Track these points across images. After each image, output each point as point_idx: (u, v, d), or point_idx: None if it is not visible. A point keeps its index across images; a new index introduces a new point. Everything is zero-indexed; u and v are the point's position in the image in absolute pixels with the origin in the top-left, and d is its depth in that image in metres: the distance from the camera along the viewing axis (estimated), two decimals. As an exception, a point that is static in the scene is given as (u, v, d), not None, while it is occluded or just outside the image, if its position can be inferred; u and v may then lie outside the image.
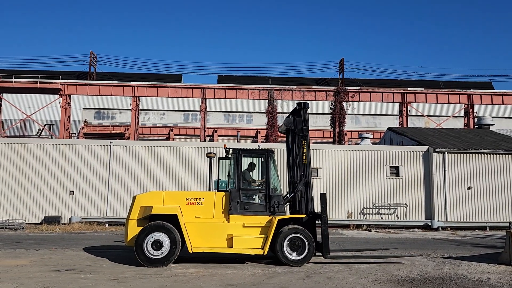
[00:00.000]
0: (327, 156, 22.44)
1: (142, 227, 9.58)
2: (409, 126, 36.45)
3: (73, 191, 21.33)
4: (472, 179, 22.03)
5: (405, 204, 22.03)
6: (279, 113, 35.97)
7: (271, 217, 9.86)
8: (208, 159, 11.50)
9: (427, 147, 22.64)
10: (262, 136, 42.82)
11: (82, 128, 44.16)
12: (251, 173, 10.62)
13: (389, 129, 31.19)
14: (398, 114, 38.82)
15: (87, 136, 42.20)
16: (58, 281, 7.83)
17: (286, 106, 36.32)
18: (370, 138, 28.18)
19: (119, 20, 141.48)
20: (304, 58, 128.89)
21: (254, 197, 10.19)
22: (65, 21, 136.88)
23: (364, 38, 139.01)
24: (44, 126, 42.12)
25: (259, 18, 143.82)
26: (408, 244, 14.75)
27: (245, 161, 10.61)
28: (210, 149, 21.38)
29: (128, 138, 38.83)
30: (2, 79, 34.18)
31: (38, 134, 43.36)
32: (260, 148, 10.87)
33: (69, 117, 34.94)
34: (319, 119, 47.39)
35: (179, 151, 22.25)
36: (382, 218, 21.94)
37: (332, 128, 36.53)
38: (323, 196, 10.20)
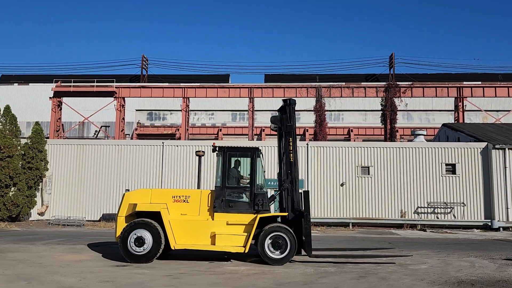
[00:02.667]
0: (378, 154, 21.91)
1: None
2: (465, 121, 34.83)
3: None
4: (537, 176, 20.72)
5: (463, 203, 21.09)
6: (327, 110, 35.52)
7: (255, 215, 9.76)
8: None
9: (486, 143, 21.55)
10: (310, 134, 42.40)
11: (136, 129, 45.76)
12: (237, 170, 10.53)
13: (444, 125, 29.97)
14: (453, 109, 37.21)
15: (140, 136, 43.68)
16: (117, 276, 8.17)
17: (334, 103, 35.87)
18: (424, 135, 27.16)
19: (169, 22, 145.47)
20: (353, 54, 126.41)
21: (238, 195, 10.14)
22: (118, 26, 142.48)
23: (416, 31, 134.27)
24: (101, 127, 44.08)
25: (305, 16, 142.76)
26: (466, 245, 14.11)
27: (233, 159, 10.58)
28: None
29: (179, 138, 39.80)
30: (62, 84, 36.12)
31: (95, 136, 45.46)
32: (246, 146, 10.79)
33: (123, 118, 36.35)
34: (369, 116, 46.29)
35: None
36: (438, 217, 21.13)
37: (383, 125, 35.56)
38: (305, 194, 10.00)
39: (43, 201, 22.05)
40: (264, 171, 11.15)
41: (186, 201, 10.07)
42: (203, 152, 12.34)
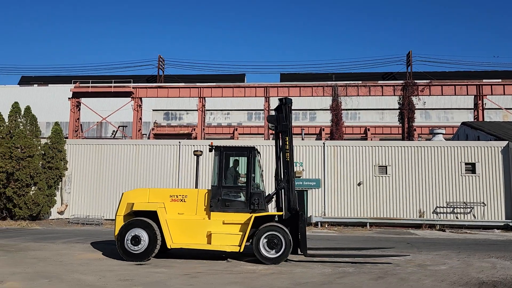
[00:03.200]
0: (396, 153, 21.67)
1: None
2: (485, 120, 34.19)
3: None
4: (560, 176, 20.21)
5: (483, 203, 20.71)
6: (343, 109, 35.24)
7: (251, 214, 9.75)
8: (198, 156, 11.63)
9: (507, 142, 21.12)
10: (326, 134, 42.20)
11: (152, 129, 46.15)
12: (235, 170, 10.59)
13: (463, 123, 29.50)
14: (472, 107, 36.57)
15: (157, 136, 44.05)
16: (135, 274, 8.24)
17: (351, 102, 35.57)
18: (443, 134, 26.75)
19: (184, 23, 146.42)
20: (369, 53, 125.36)
21: (235, 194, 10.17)
22: (134, 27, 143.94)
23: (433, 29, 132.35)
24: (118, 127, 44.58)
25: (321, 15, 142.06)
26: (487, 246, 13.85)
27: (231, 159, 10.62)
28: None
29: (195, 138, 40.01)
30: (81, 85, 36.63)
31: (113, 136, 46.00)
32: (242, 146, 10.87)
33: (140, 118, 36.68)
34: (386, 115, 45.82)
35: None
36: (457, 217, 20.79)
37: (400, 124, 35.15)
38: (300, 193, 10.16)
39: (62, 200, 22.40)
40: (262, 170, 11.20)
41: (183, 200, 10.13)
42: (201, 151, 12.49)
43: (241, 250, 9.59)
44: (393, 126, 42.48)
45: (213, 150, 10.44)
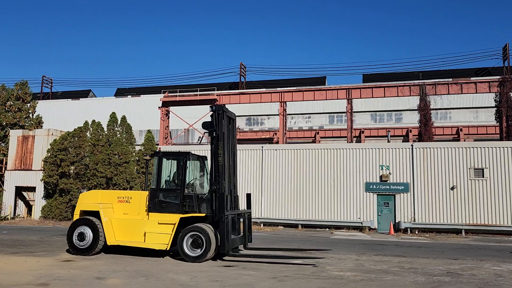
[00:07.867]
0: (494, 154, 20.03)
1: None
2: None
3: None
4: None
5: None
6: (432, 109, 33.31)
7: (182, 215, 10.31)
8: (147, 161, 12.10)
9: None
10: (413, 135, 40.15)
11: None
12: (180, 173, 11.06)
13: None
14: None
15: (240, 141, 44.88)
16: (225, 276, 8.48)
17: (440, 101, 33.59)
18: (549, 132, 24.20)
19: (264, 29, 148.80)
20: (459, 48, 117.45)
21: (170, 196, 10.75)
22: (217, 36, 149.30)
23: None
24: (204, 133, 46.38)
25: (405, 10, 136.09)
26: None
27: (168, 163, 11.47)
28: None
29: (277, 142, 40.28)
30: (169, 94, 38.73)
31: (199, 141, 47.95)
32: (178, 151, 11.90)
33: (224, 124, 37.87)
34: (480, 114, 42.52)
35: (326, 153, 22.30)
36: None
37: (498, 123, 32.37)
38: (221, 196, 10.19)
39: (155, 203, 23.77)
40: (202, 174, 11.77)
41: (128, 201, 11.15)
42: (150, 157, 13.19)
43: (167, 249, 10.26)
44: (489, 126, 39.26)
45: (153, 155, 11.42)
